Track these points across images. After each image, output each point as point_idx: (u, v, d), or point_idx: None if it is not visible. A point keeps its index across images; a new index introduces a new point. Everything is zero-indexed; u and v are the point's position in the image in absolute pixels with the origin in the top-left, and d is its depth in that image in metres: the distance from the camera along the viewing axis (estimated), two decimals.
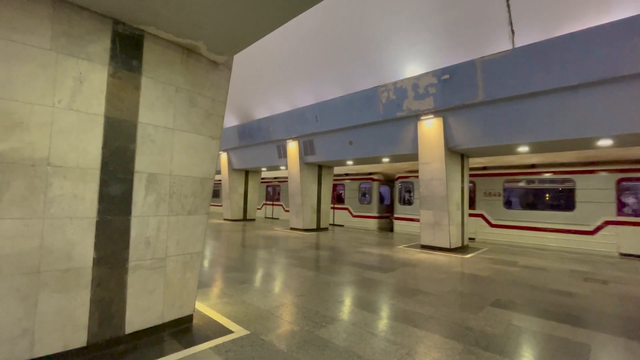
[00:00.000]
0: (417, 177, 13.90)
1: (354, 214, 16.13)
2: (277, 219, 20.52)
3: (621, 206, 9.54)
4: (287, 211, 19.85)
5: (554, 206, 10.85)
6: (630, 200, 9.57)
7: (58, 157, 2.63)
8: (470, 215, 12.42)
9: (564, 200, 10.64)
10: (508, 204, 11.79)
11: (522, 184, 11.58)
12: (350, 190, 16.40)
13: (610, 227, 9.56)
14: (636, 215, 9.29)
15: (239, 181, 17.60)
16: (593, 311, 4.43)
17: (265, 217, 21.55)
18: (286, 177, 20.40)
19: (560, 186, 10.73)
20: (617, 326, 3.92)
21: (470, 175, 12.59)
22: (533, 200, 11.37)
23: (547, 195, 11.09)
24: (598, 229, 9.77)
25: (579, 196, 10.19)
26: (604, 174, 9.76)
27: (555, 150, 8.92)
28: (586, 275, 6.63)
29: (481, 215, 12.25)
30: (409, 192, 14.35)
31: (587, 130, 6.80)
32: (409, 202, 14.25)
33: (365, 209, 15.64)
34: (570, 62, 6.50)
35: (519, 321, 3.99)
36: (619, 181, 9.52)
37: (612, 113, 6.43)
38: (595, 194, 9.90)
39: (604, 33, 6.10)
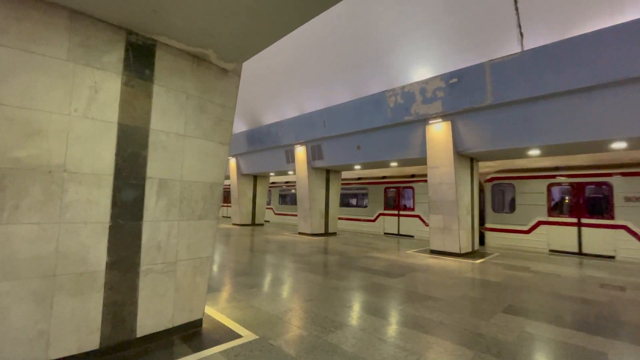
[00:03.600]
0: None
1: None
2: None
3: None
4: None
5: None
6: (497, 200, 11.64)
7: (74, 163, 2.72)
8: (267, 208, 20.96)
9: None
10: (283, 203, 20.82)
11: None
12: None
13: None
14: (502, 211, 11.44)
15: (247, 186, 17.74)
16: (609, 319, 4.31)
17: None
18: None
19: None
20: (635, 334, 3.80)
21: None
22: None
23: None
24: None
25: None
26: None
27: (567, 153, 8.75)
28: (603, 281, 6.45)
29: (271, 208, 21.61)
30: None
31: (601, 133, 6.66)
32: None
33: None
34: (583, 64, 6.40)
35: (532, 328, 3.90)
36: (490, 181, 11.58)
37: (627, 115, 6.29)
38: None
39: (617, 34, 5.99)
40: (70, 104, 2.70)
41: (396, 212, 14.55)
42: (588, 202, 9.70)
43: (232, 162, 17.55)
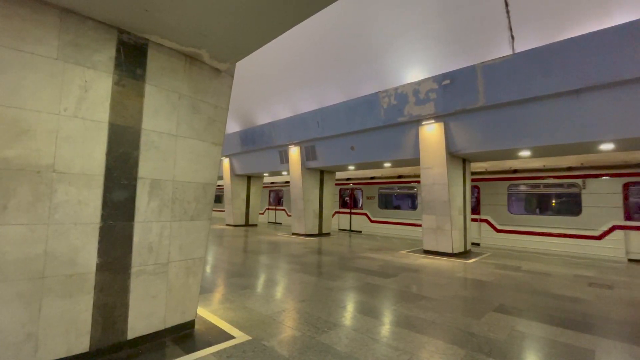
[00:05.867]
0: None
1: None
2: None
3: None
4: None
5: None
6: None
7: (63, 163, 2.68)
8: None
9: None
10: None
11: None
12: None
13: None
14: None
15: (241, 187, 17.65)
16: (597, 316, 4.39)
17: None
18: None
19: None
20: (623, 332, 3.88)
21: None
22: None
23: None
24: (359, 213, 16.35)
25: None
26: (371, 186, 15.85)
27: (557, 154, 8.90)
28: (590, 280, 6.57)
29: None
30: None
31: (589, 135, 6.79)
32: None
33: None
34: (571, 67, 6.52)
35: (522, 327, 3.96)
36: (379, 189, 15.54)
37: (614, 117, 6.43)
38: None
39: (604, 37, 6.12)
40: (59, 103, 2.67)
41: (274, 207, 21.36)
42: (351, 199, 16.77)
43: (226, 162, 17.45)
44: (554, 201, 10.64)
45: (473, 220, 11.94)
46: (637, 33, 5.82)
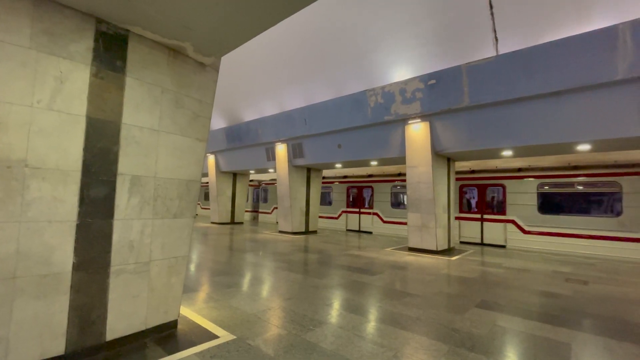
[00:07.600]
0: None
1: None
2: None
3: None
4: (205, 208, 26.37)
5: None
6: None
7: (37, 158, 2.55)
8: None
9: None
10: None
11: None
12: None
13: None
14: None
15: (226, 184, 17.42)
16: (574, 311, 4.56)
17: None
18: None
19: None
20: (596, 326, 4.04)
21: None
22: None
23: None
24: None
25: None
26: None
27: (538, 154, 9.18)
28: (566, 275, 6.82)
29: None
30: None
31: (568, 136, 7.03)
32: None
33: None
34: (552, 69, 6.72)
35: (503, 322, 4.06)
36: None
37: (592, 119, 6.66)
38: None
39: (584, 42, 6.33)
40: (32, 94, 2.53)
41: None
42: (262, 196, 21.23)
43: (211, 159, 17.16)
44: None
45: (349, 211, 16.32)
46: (614, 38, 6.05)
